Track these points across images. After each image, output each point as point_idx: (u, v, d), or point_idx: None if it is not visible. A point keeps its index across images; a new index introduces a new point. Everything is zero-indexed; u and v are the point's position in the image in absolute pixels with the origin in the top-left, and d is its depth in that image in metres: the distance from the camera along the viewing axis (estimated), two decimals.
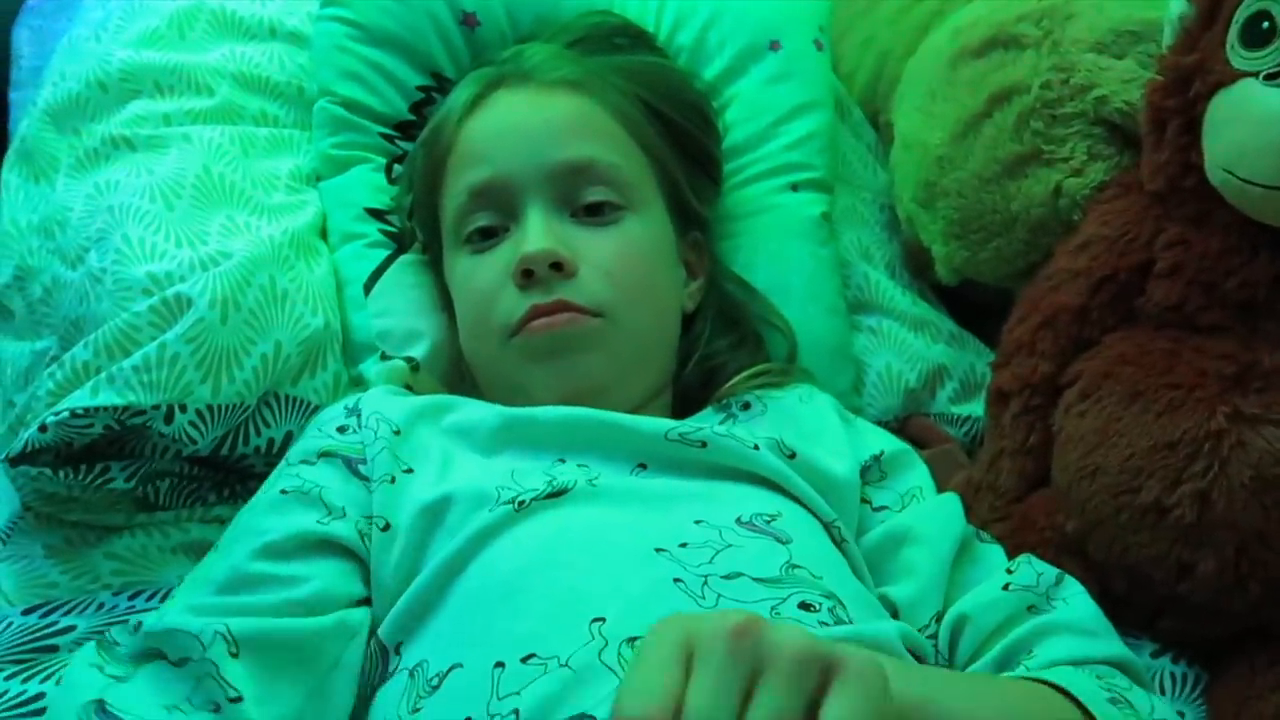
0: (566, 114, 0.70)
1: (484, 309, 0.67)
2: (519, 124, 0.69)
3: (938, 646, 0.58)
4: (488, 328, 0.67)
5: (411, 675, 0.51)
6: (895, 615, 0.59)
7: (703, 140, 0.79)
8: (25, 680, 0.57)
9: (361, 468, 0.60)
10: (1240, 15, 0.66)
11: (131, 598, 0.65)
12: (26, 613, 0.63)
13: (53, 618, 0.62)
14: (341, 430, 0.63)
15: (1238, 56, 0.66)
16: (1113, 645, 0.58)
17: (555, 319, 0.64)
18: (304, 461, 0.61)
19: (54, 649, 0.60)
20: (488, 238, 0.69)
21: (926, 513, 0.64)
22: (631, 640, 0.47)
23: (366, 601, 0.56)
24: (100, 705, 0.48)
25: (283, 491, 0.59)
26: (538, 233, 0.65)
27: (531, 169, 0.67)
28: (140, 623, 0.51)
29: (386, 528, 0.57)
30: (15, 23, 1.01)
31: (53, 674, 0.58)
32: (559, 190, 0.68)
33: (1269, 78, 0.63)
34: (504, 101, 0.71)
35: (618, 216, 0.69)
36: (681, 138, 0.76)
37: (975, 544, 0.64)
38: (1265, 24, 0.64)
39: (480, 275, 0.68)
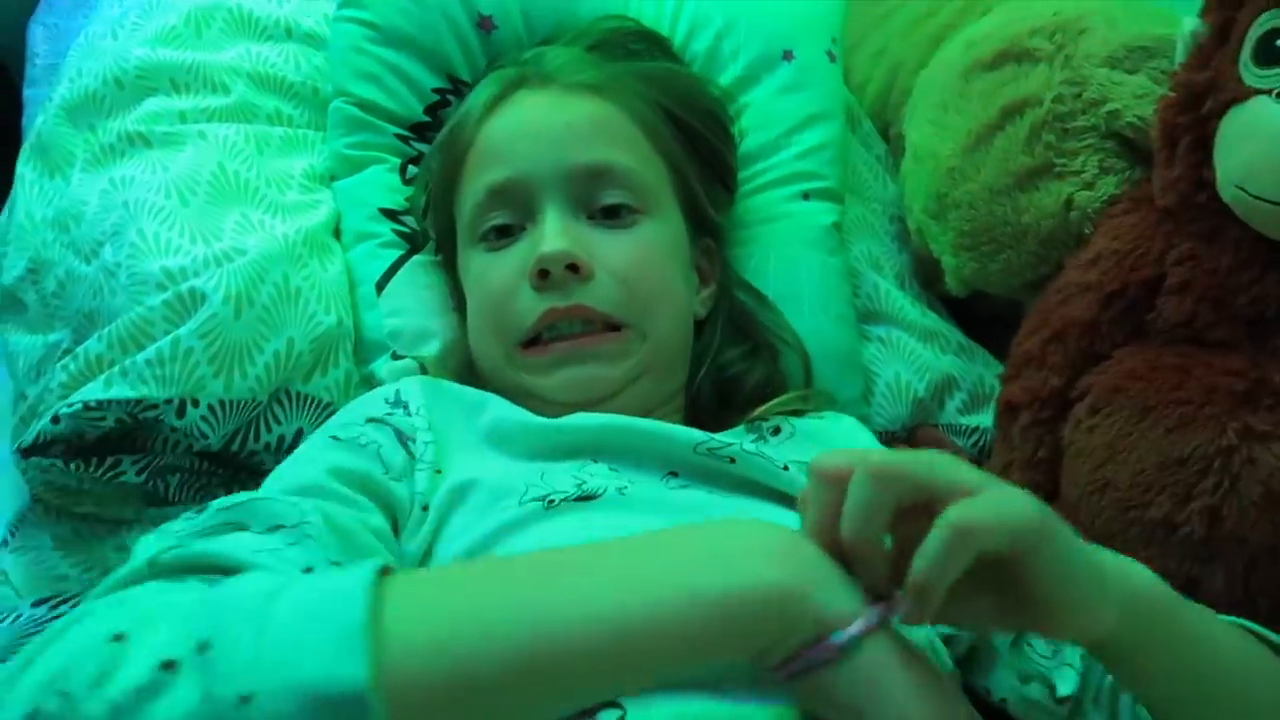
0: (586, 117, 0.70)
1: (498, 308, 0.67)
2: (540, 125, 0.69)
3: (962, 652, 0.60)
4: (501, 328, 0.67)
5: None
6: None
7: (718, 146, 0.79)
8: None
9: (410, 444, 0.60)
10: (1253, 33, 0.66)
11: None
12: (36, 604, 0.63)
13: (62, 609, 0.63)
14: (390, 410, 0.62)
15: (1251, 74, 0.66)
16: None
17: (581, 342, 0.64)
18: (353, 422, 0.60)
19: None
20: (504, 236, 0.69)
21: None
22: None
23: None
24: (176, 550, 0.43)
25: (334, 438, 0.58)
26: (555, 233, 0.65)
27: (550, 170, 0.68)
28: (206, 505, 0.48)
29: (426, 508, 0.57)
30: (31, 20, 1.01)
31: None
32: (577, 192, 0.68)
33: None
34: (525, 102, 0.71)
35: (634, 220, 0.69)
36: (698, 144, 0.76)
37: None
38: (1278, 42, 0.65)
39: (495, 273, 0.68)
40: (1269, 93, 0.64)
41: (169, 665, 0.35)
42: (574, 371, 0.65)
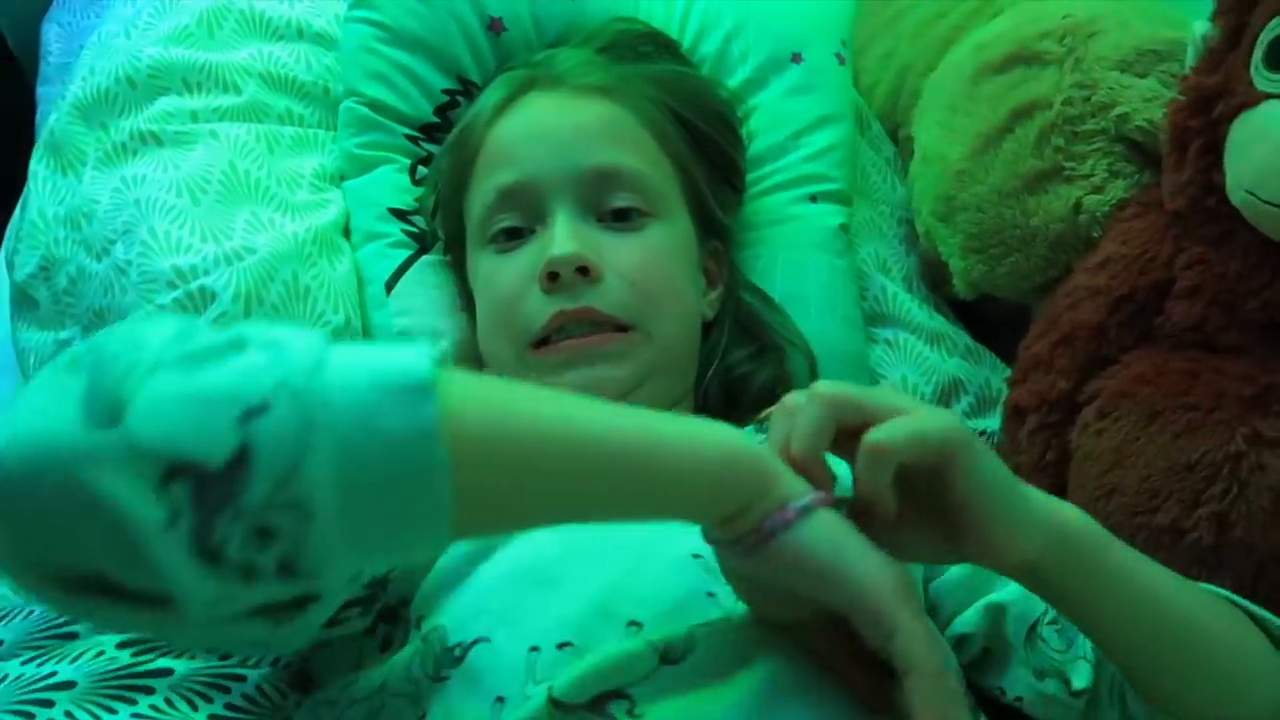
0: (596, 120, 0.70)
1: (507, 310, 0.67)
2: (549, 127, 0.70)
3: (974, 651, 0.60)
4: (510, 330, 0.68)
5: (425, 640, 0.52)
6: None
7: (728, 149, 0.79)
8: (40, 664, 0.57)
9: None
10: (1265, 37, 0.66)
11: None
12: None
13: None
14: None
15: (1262, 78, 0.66)
16: None
17: (586, 341, 0.65)
18: None
19: (74, 635, 0.60)
20: (513, 238, 0.69)
21: None
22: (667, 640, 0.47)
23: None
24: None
25: None
26: (565, 236, 0.66)
27: (560, 173, 0.68)
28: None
29: None
30: (45, 19, 1.02)
31: (72, 656, 0.58)
32: (586, 195, 0.68)
33: None
34: (535, 104, 0.72)
35: (643, 223, 0.69)
36: (707, 146, 0.77)
37: None
38: None
39: (504, 276, 0.68)
40: None
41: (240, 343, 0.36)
42: (583, 373, 0.65)
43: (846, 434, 0.43)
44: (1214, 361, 0.67)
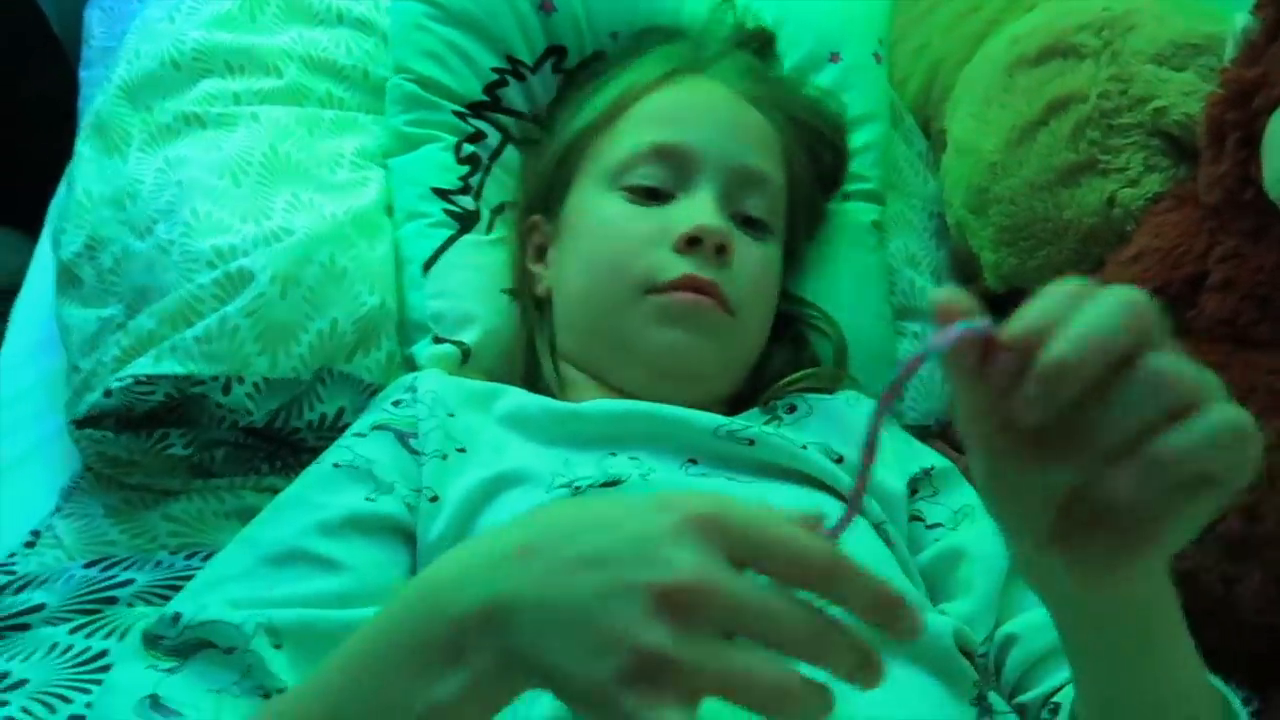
0: (758, 127, 0.74)
1: (629, 255, 0.67)
2: (719, 113, 0.72)
3: (988, 665, 0.58)
4: (624, 274, 0.67)
5: None
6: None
7: (838, 184, 0.82)
8: (89, 635, 0.59)
9: (413, 441, 0.61)
10: None
11: (188, 557, 0.66)
12: (88, 565, 0.65)
13: (113, 571, 0.64)
14: (396, 404, 0.64)
15: None
16: None
17: (704, 300, 0.65)
18: (357, 435, 0.62)
19: (114, 600, 0.62)
20: (650, 197, 0.70)
21: (981, 532, 0.64)
22: None
23: None
24: (154, 700, 0.48)
25: (335, 465, 0.60)
26: (715, 210, 0.67)
27: (721, 155, 0.70)
28: (179, 614, 0.50)
29: (435, 499, 0.58)
30: (88, 4, 1.04)
31: (114, 629, 0.60)
32: (730, 188, 0.70)
33: None
34: (704, 87, 0.74)
35: (766, 238, 0.72)
36: (826, 180, 0.80)
37: None
38: None
39: (634, 225, 0.68)
40: None
41: None
42: (688, 336, 0.66)
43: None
44: (1246, 355, 0.67)
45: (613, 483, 0.58)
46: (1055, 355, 0.32)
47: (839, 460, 0.63)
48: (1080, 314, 0.32)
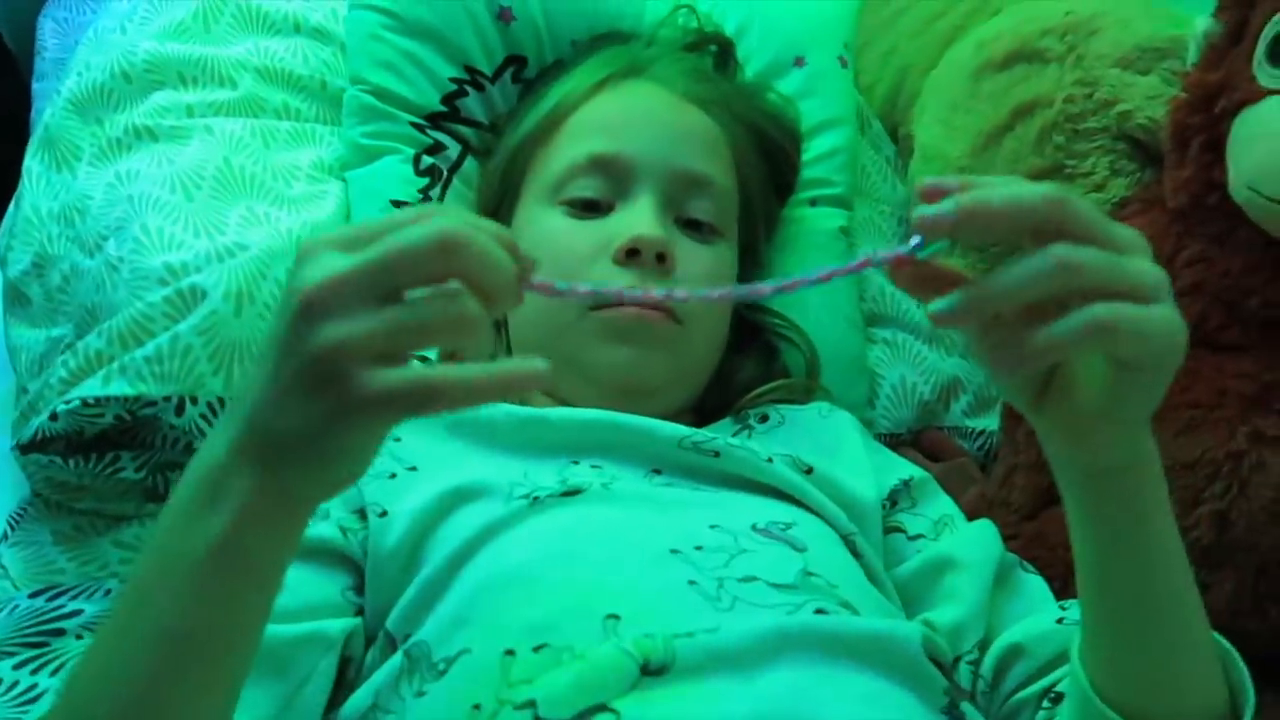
0: (699, 128, 0.72)
1: (572, 271, 0.66)
2: (655, 117, 0.71)
3: (979, 673, 0.57)
4: None
5: (409, 655, 0.51)
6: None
7: (792, 181, 0.82)
8: (35, 672, 0.57)
9: None
10: (1268, 33, 0.66)
11: None
12: (33, 595, 0.63)
13: (60, 601, 0.63)
14: None
15: (1265, 74, 0.65)
16: None
17: (648, 313, 0.65)
18: None
19: (61, 632, 0.60)
20: (589, 210, 0.69)
21: (965, 539, 0.63)
22: (646, 638, 0.46)
23: (351, 611, 0.55)
24: None
25: None
26: (653, 219, 0.66)
27: (658, 161, 0.69)
28: None
29: (384, 514, 0.57)
30: (40, 14, 1.02)
31: (62, 664, 0.58)
32: (672, 192, 0.69)
33: None
34: (641, 91, 0.73)
35: (713, 239, 0.71)
36: (776, 179, 0.79)
37: (1017, 573, 0.62)
38: None
39: (575, 240, 0.67)
40: None
41: None
42: (636, 351, 0.65)
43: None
44: (1215, 359, 0.67)
45: (573, 492, 0.57)
46: (975, 195, 0.38)
47: (808, 471, 0.62)
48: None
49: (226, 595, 0.39)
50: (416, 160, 0.79)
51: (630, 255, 0.65)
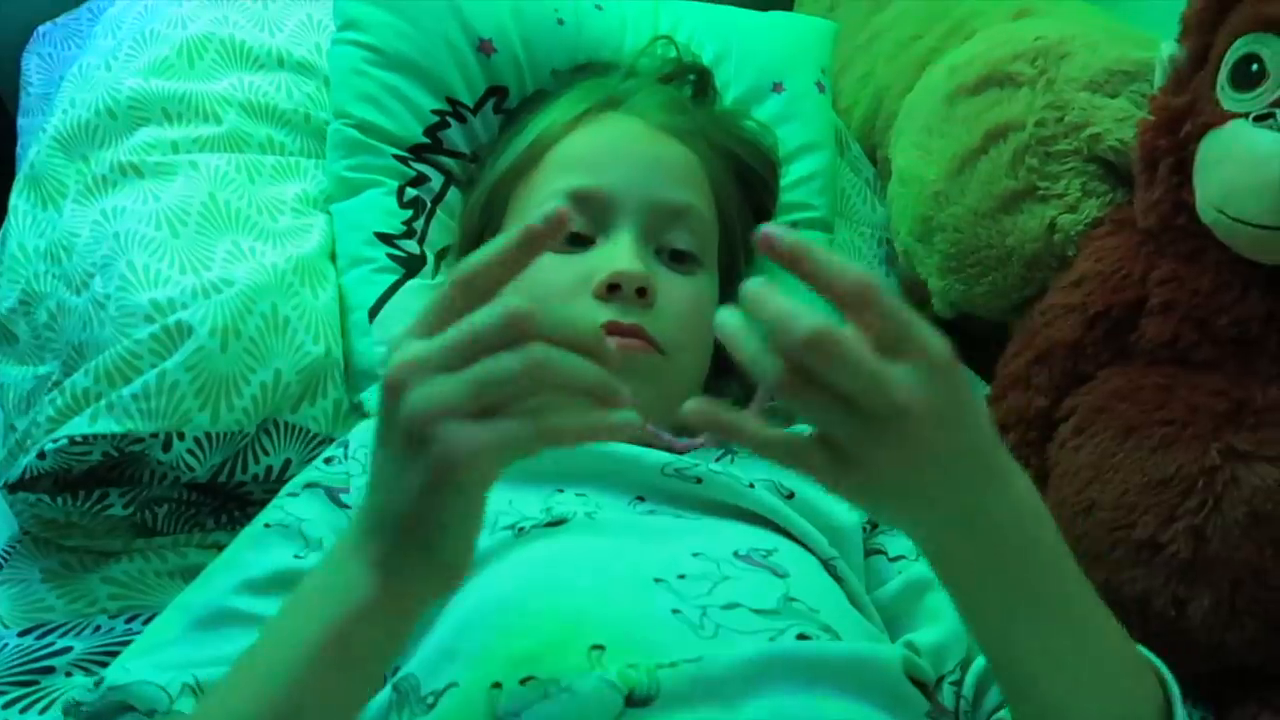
0: (679, 159, 0.73)
1: (553, 305, 0.66)
2: (635, 151, 0.72)
3: (961, 693, 0.57)
4: None
5: (397, 690, 0.51)
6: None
7: (770, 208, 0.82)
8: (24, 710, 0.57)
9: (344, 496, 0.60)
10: (1230, 57, 0.67)
11: (129, 620, 0.64)
12: (23, 634, 0.63)
13: (49, 639, 0.62)
14: (329, 461, 0.63)
15: (1228, 98, 0.67)
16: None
17: (629, 342, 0.65)
18: (290, 494, 0.61)
19: (50, 670, 0.60)
20: (570, 243, 0.69)
21: None
22: (630, 669, 0.47)
23: None
24: None
25: (266, 525, 0.59)
26: (633, 254, 0.67)
27: (637, 195, 0.69)
28: (102, 679, 0.50)
29: None
30: (25, 50, 1.02)
31: (52, 702, 0.58)
32: (652, 225, 0.70)
33: (1259, 119, 0.64)
34: (619, 124, 0.74)
35: (694, 269, 0.71)
36: (754, 206, 0.80)
37: None
38: (1254, 66, 0.66)
39: (556, 275, 0.67)
40: (1246, 116, 0.65)
41: None
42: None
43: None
44: (1188, 377, 0.68)
45: (557, 522, 0.57)
46: (809, 245, 0.40)
47: (789, 496, 0.63)
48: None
49: (331, 684, 0.41)
50: (400, 192, 0.80)
51: (611, 290, 0.65)
